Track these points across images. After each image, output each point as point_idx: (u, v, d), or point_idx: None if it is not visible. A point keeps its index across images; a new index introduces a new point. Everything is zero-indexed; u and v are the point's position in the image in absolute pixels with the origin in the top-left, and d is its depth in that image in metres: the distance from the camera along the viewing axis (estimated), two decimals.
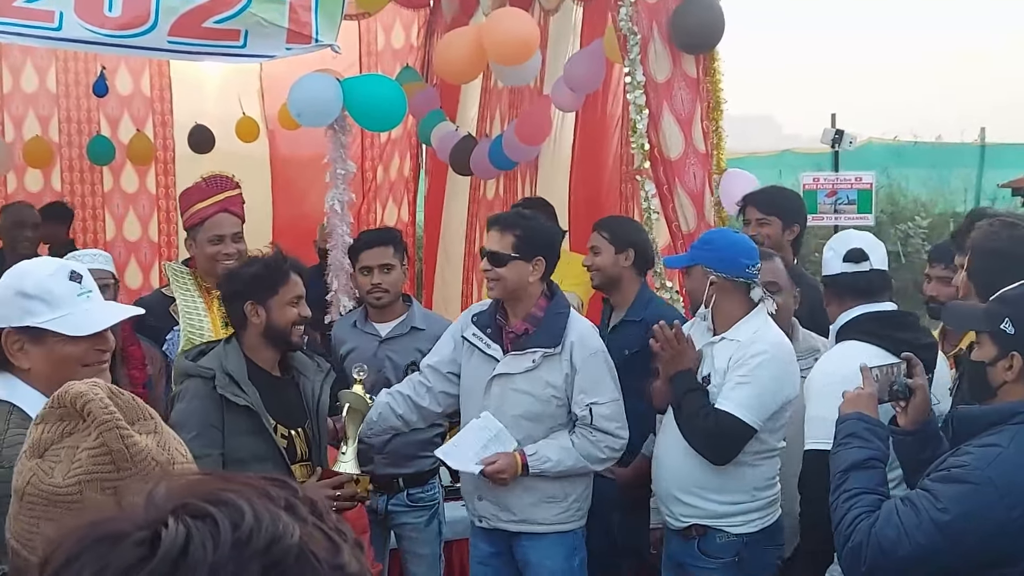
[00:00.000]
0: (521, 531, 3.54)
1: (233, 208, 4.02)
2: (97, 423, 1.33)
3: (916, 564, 2.28)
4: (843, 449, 2.53)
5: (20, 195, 6.66)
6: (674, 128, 4.49)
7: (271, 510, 0.78)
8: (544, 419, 3.48)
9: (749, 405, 3.26)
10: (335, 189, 4.72)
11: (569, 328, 3.48)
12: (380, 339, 4.15)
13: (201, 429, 3.03)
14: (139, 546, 0.75)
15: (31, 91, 6.70)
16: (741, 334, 3.35)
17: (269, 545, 0.75)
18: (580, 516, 3.59)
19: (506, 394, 3.48)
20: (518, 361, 3.47)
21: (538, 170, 6.08)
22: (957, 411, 2.40)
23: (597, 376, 3.48)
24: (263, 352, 3.23)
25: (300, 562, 0.76)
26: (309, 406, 3.28)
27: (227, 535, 0.74)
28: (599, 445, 3.47)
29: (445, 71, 5.35)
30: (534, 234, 3.53)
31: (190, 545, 0.74)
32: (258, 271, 3.23)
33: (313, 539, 0.78)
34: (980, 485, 2.22)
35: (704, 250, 3.47)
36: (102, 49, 4.27)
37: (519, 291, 3.50)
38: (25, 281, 2.20)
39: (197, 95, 6.88)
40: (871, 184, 6.74)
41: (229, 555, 0.74)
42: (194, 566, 0.73)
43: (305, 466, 3.24)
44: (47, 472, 1.34)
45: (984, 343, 2.39)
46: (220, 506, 0.76)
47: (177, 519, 0.75)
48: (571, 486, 3.53)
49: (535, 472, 3.43)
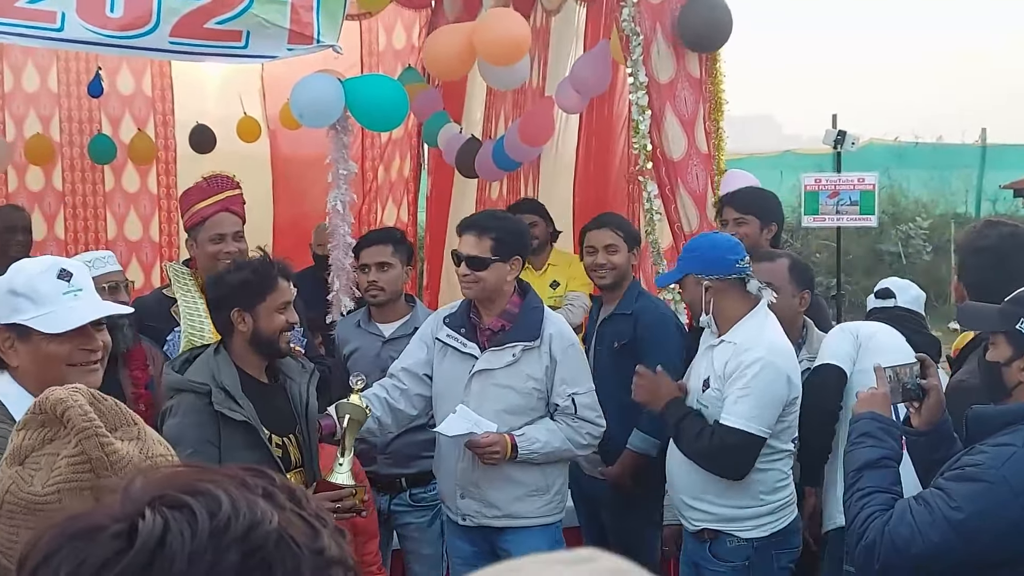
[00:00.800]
0: (505, 526, 3.56)
1: (234, 207, 4.00)
2: (76, 430, 1.32)
3: (929, 562, 2.27)
4: (857, 448, 2.52)
5: (21, 194, 6.67)
6: (677, 129, 4.49)
7: (248, 498, 0.78)
8: (525, 412, 3.52)
9: (753, 416, 3.25)
10: (337, 189, 4.71)
11: (546, 322, 3.55)
12: (383, 339, 4.14)
13: (197, 446, 2.94)
14: (116, 539, 0.74)
15: (32, 91, 6.69)
16: (738, 336, 3.35)
17: (247, 532, 0.75)
18: (561, 509, 3.65)
19: (487, 390, 3.51)
20: (498, 356, 3.50)
21: (541, 172, 6.08)
22: (972, 411, 2.39)
23: (577, 367, 3.56)
24: (250, 359, 3.16)
25: (280, 547, 0.76)
26: (298, 410, 3.22)
27: (204, 524, 0.75)
28: (580, 432, 3.53)
29: (433, 65, 5.33)
30: (510, 235, 3.58)
31: (167, 535, 0.74)
32: (245, 277, 3.14)
33: (292, 525, 0.78)
34: (994, 484, 2.22)
35: (690, 259, 3.49)
36: (104, 50, 4.27)
37: (496, 291, 3.55)
38: (15, 279, 2.21)
39: (198, 95, 6.88)
40: (874, 185, 6.72)
41: (207, 543, 0.74)
42: (172, 556, 0.73)
43: (299, 473, 3.18)
44: (27, 480, 1.32)
45: (999, 343, 2.39)
46: (197, 496, 0.77)
47: (154, 510, 0.75)
48: (552, 478, 3.58)
49: (524, 454, 3.46)
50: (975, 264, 3.15)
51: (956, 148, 14.50)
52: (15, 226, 5.60)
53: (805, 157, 13.23)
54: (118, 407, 1.38)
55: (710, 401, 3.39)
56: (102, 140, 6.73)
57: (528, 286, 3.69)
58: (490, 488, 3.53)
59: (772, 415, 3.28)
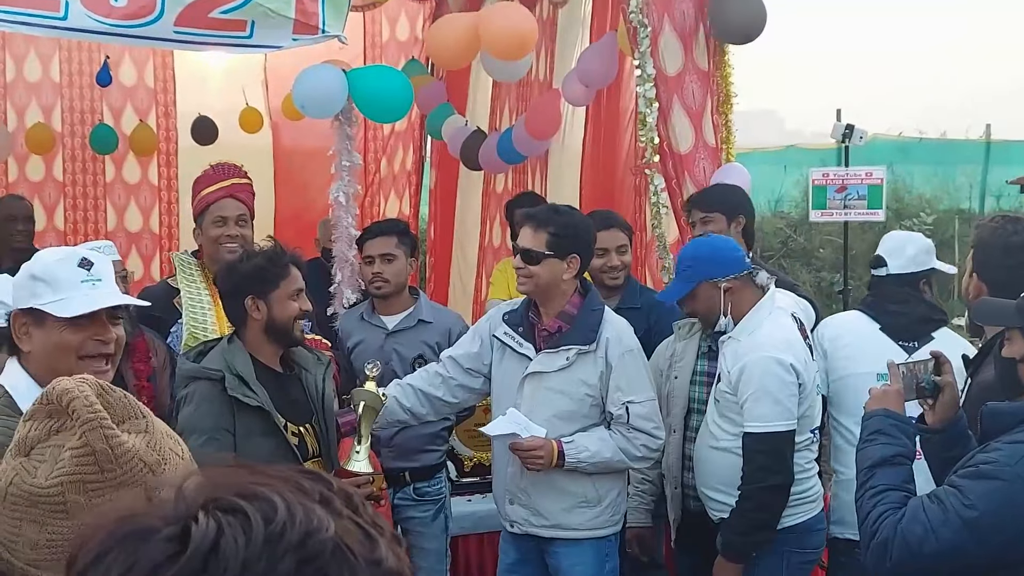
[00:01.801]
0: (554, 536, 3.46)
1: (239, 195, 3.97)
2: (81, 422, 1.29)
3: (942, 560, 2.25)
4: (869, 445, 2.49)
5: (21, 184, 6.65)
6: (684, 121, 4.45)
7: (305, 504, 0.75)
8: (577, 418, 3.40)
9: (772, 415, 3.22)
10: (340, 181, 4.68)
11: (604, 325, 3.40)
12: (387, 332, 4.12)
13: (212, 433, 2.97)
14: (169, 542, 0.72)
15: (34, 80, 6.67)
16: (743, 332, 3.33)
17: (303, 540, 0.73)
18: (615, 522, 3.51)
19: (539, 393, 3.40)
20: (552, 359, 3.40)
21: (548, 165, 6.05)
22: (986, 407, 2.36)
23: (633, 374, 3.40)
24: (265, 348, 3.18)
25: (336, 557, 0.73)
26: (314, 401, 3.24)
27: (259, 530, 0.72)
28: (635, 443, 3.39)
29: (436, 54, 5.28)
30: (569, 231, 3.43)
31: (221, 540, 0.72)
32: (258, 264, 3.17)
33: (349, 533, 0.75)
34: (1009, 482, 2.19)
35: (697, 267, 3.39)
36: (108, 39, 4.24)
37: (552, 289, 3.41)
38: (36, 264, 2.22)
39: (201, 86, 6.85)
40: (882, 179, 6.68)
41: (262, 550, 0.71)
42: (225, 562, 0.71)
43: (317, 462, 3.19)
44: (30, 472, 1.30)
45: (1015, 339, 2.36)
46: (252, 500, 0.74)
47: (207, 514, 0.73)
48: (605, 489, 3.45)
49: (571, 462, 3.34)
50: (1002, 261, 3.06)
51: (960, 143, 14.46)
52: (15, 215, 5.58)
53: (809, 152, 13.19)
54: (127, 399, 1.35)
55: (720, 395, 3.36)
56: (104, 130, 6.71)
57: (591, 286, 3.57)
58: (538, 496, 3.43)
59: (791, 405, 3.24)
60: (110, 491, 1.27)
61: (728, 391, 3.32)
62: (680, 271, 3.49)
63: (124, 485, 1.28)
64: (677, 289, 3.48)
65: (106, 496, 1.27)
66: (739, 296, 3.36)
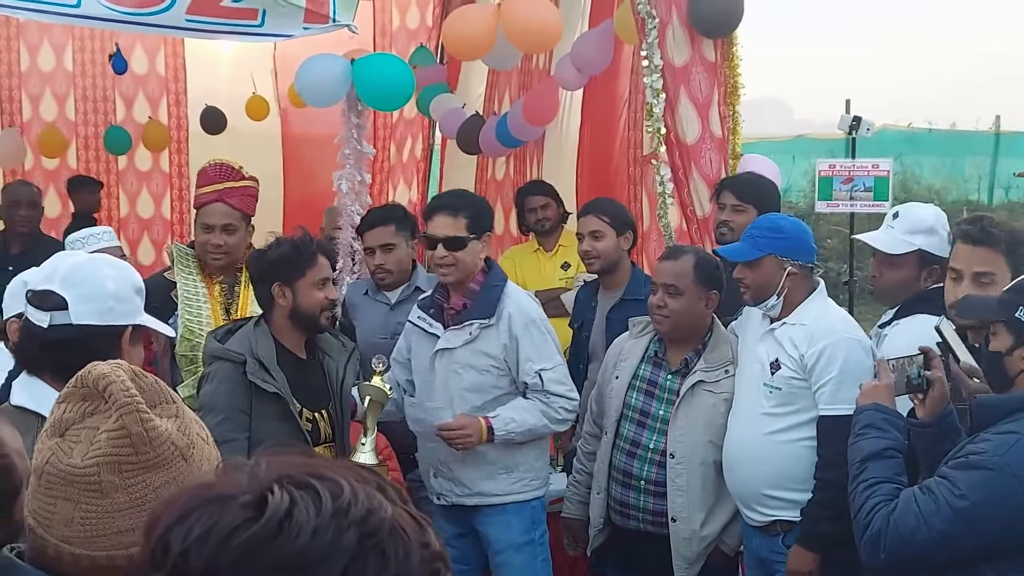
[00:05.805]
0: (479, 504, 3.59)
1: (230, 199, 3.92)
2: (118, 405, 1.34)
3: (935, 550, 2.29)
4: (861, 439, 2.53)
5: (37, 172, 6.72)
6: (691, 112, 4.47)
7: (366, 488, 0.84)
8: (488, 389, 3.53)
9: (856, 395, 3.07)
10: (344, 169, 4.71)
11: (505, 299, 3.53)
12: (389, 306, 4.20)
13: (229, 413, 3.08)
14: (246, 508, 0.81)
15: (48, 70, 6.72)
16: (806, 317, 3.26)
17: (366, 516, 0.82)
18: (536, 486, 3.64)
19: (449, 368, 3.54)
20: (457, 335, 3.53)
21: (544, 152, 6.07)
22: (975, 400, 2.40)
23: (540, 343, 3.53)
24: (290, 334, 3.26)
25: (392, 535, 0.82)
26: (333, 388, 3.32)
27: (328, 504, 0.81)
28: (554, 407, 3.53)
29: (455, 46, 5.29)
30: (480, 211, 3.61)
31: (294, 509, 0.80)
32: (285, 252, 3.23)
33: (402, 518, 0.84)
34: (998, 471, 2.22)
35: (777, 239, 3.29)
36: (120, 27, 4.28)
37: (473, 269, 3.54)
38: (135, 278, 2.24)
39: (211, 74, 6.89)
40: (888, 171, 6.67)
41: (330, 521, 0.80)
42: (298, 529, 0.80)
43: (328, 447, 3.26)
44: (66, 452, 1.34)
45: (1000, 333, 2.39)
46: (320, 479, 0.83)
47: (282, 487, 0.82)
48: (521, 455, 3.58)
49: (500, 435, 3.46)
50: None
51: (969, 135, 14.43)
52: (19, 200, 5.64)
53: (818, 142, 13.19)
54: (158, 384, 1.41)
55: (783, 382, 3.24)
56: (117, 132, 6.78)
57: (494, 263, 3.68)
58: (458, 467, 3.57)
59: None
60: (142, 472, 1.33)
61: (798, 376, 3.21)
62: (754, 236, 3.35)
63: (156, 467, 1.34)
64: (744, 251, 3.34)
65: (139, 477, 1.33)
66: (796, 284, 3.29)
